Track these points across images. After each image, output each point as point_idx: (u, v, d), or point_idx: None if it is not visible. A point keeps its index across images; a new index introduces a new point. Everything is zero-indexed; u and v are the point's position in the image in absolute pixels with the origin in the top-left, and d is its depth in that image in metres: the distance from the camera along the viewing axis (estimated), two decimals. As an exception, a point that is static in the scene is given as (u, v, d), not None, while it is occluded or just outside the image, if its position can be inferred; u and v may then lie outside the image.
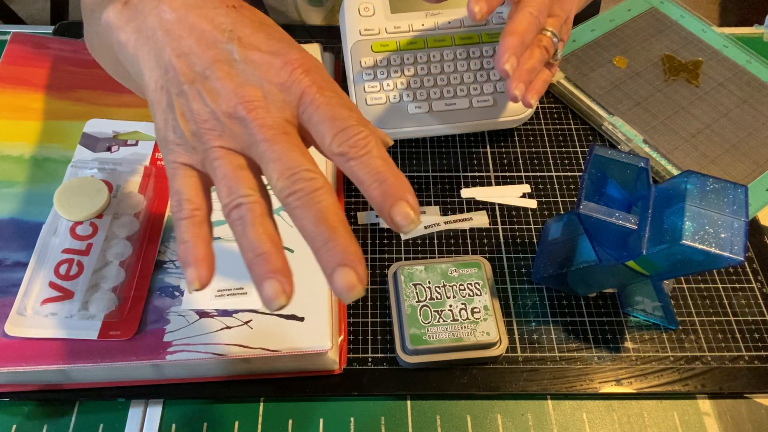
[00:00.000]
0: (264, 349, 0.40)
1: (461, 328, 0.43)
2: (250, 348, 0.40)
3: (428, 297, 0.44)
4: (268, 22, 0.31)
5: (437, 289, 0.44)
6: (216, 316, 0.42)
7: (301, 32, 0.65)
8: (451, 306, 0.44)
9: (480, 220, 0.51)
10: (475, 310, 0.43)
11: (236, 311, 0.42)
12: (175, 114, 0.29)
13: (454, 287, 0.44)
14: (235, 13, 0.30)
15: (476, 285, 0.45)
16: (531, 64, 0.43)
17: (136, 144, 0.50)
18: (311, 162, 0.27)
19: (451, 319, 0.43)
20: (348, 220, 0.51)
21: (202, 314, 0.42)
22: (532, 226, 0.51)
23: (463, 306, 0.44)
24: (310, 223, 0.26)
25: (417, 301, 0.44)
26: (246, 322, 0.42)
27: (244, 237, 0.27)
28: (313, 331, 0.41)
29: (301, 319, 0.42)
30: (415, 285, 0.45)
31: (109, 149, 0.50)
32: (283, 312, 0.42)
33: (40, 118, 0.52)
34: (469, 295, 0.44)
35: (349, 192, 0.52)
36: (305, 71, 0.28)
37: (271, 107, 0.28)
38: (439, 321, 0.43)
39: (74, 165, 0.48)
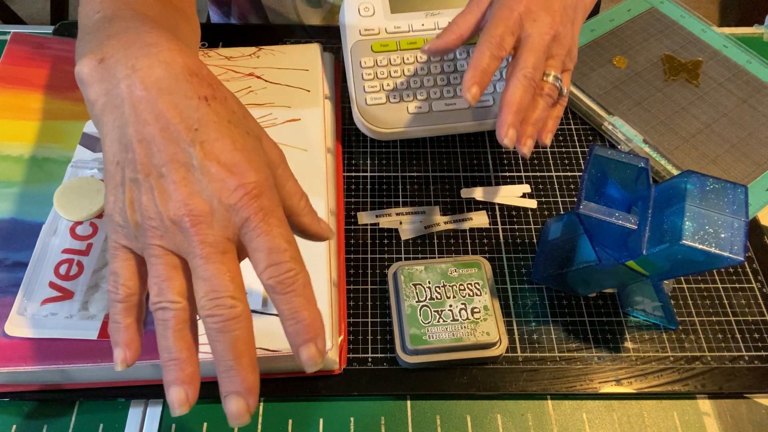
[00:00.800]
0: (264, 349, 0.40)
1: (461, 328, 0.43)
2: None
3: (428, 297, 0.44)
4: (236, 119, 0.31)
5: (437, 289, 0.44)
6: (216, 316, 0.42)
7: (300, 32, 0.65)
8: (451, 306, 0.44)
9: (480, 220, 0.51)
10: (475, 310, 0.43)
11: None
12: (125, 198, 0.29)
13: (454, 287, 0.44)
14: (205, 108, 0.30)
15: (476, 285, 0.45)
16: (536, 116, 0.43)
17: (136, 144, 0.51)
18: (238, 287, 0.29)
19: (451, 319, 0.43)
20: (348, 220, 0.51)
21: (202, 314, 0.42)
22: (532, 226, 0.51)
23: (463, 306, 0.44)
24: (220, 347, 0.29)
25: (417, 301, 0.44)
26: (246, 322, 0.42)
27: (164, 338, 0.29)
28: None
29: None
30: (415, 285, 0.45)
31: (109, 149, 0.50)
32: None
33: (40, 118, 0.52)
34: (469, 295, 0.44)
35: (349, 192, 0.52)
36: (255, 197, 0.29)
37: (215, 224, 0.29)
38: (439, 321, 0.43)
39: (74, 165, 0.48)
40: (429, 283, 0.45)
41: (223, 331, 0.29)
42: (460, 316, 0.43)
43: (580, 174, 0.54)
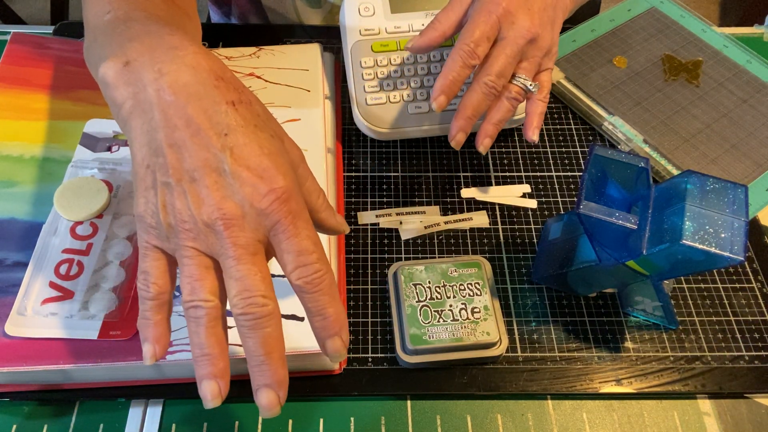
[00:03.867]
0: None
1: (461, 328, 0.43)
2: None
3: (428, 297, 0.44)
4: (262, 123, 0.32)
5: (437, 289, 0.44)
6: (216, 316, 0.42)
7: (300, 32, 0.65)
8: (451, 306, 0.44)
9: (480, 220, 0.51)
10: (475, 310, 0.43)
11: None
12: (157, 201, 0.30)
13: (454, 287, 0.44)
14: (233, 113, 0.31)
15: (476, 285, 0.45)
16: (498, 117, 0.45)
17: (136, 144, 0.51)
18: (268, 287, 0.31)
19: (451, 319, 0.43)
20: (348, 220, 0.51)
21: (202, 314, 0.42)
22: (532, 226, 0.51)
23: (463, 306, 0.44)
24: (252, 343, 0.31)
25: (417, 301, 0.44)
26: (246, 322, 0.42)
27: (197, 335, 0.31)
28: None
29: (301, 319, 0.42)
30: (415, 285, 0.44)
31: (109, 149, 0.50)
32: (283, 312, 0.42)
33: (41, 118, 0.52)
34: (469, 295, 0.44)
35: (349, 192, 0.52)
36: (284, 201, 0.30)
37: (246, 227, 0.30)
38: (439, 321, 0.43)
39: (74, 165, 0.48)
40: (429, 282, 0.45)
41: (255, 328, 0.30)
42: (460, 316, 0.43)
43: (580, 174, 0.54)
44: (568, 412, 0.43)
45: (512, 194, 0.53)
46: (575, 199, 0.52)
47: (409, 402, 0.43)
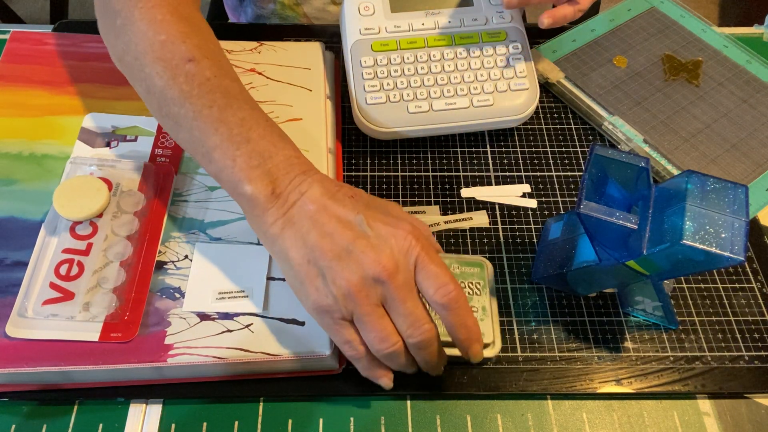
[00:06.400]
0: (265, 353, 0.40)
1: None
2: (251, 352, 0.40)
3: None
4: (374, 203, 0.40)
5: None
6: (217, 318, 0.42)
7: (301, 31, 0.65)
8: None
9: (480, 219, 0.51)
10: (473, 310, 0.43)
11: (237, 314, 0.42)
12: (327, 281, 0.36)
13: None
14: (355, 201, 0.39)
15: (477, 285, 0.45)
16: None
17: (135, 140, 0.50)
18: (426, 314, 0.37)
19: None
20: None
21: (203, 317, 0.42)
22: (532, 226, 0.51)
23: None
24: (424, 356, 0.39)
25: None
26: (247, 326, 0.42)
27: (395, 364, 0.39)
28: (313, 336, 0.41)
29: (302, 324, 0.42)
30: None
31: (108, 145, 0.50)
32: (284, 316, 0.42)
33: (39, 114, 0.51)
34: (468, 294, 0.44)
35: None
36: (416, 238, 0.37)
37: (401, 269, 0.37)
38: (435, 317, 0.42)
39: (73, 161, 0.48)
40: None
41: (422, 348, 0.38)
42: None
43: (580, 174, 0.54)
44: (567, 412, 0.43)
45: (512, 194, 0.53)
46: (575, 199, 0.52)
47: (408, 402, 0.43)
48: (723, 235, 0.35)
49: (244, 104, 0.41)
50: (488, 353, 0.42)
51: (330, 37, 0.64)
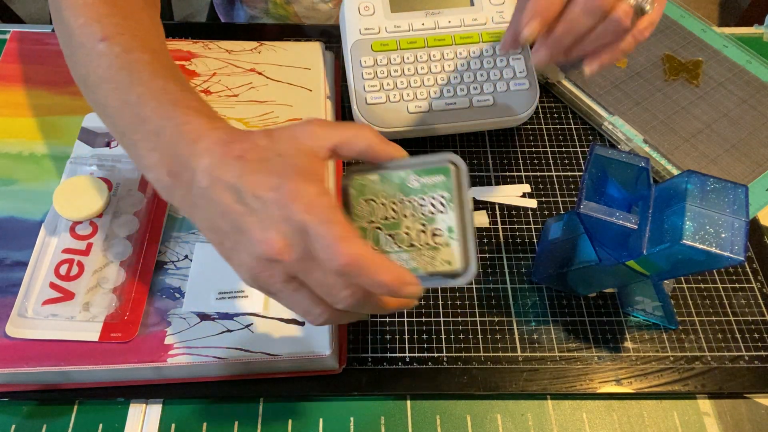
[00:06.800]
0: (264, 353, 0.40)
1: (418, 256, 0.33)
2: (251, 352, 0.40)
3: (382, 216, 0.35)
4: (267, 153, 0.33)
5: (393, 205, 0.34)
6: (217, 318, 0.42)
7: (300, 31, 0.65)
8: (408, 228, 0.34)
9: (480, 219, 0.51)
10: (437, 232, 0.33)
11: (237, 314, 0.42)
12: (235, 264, 0.33)
13: (414, 202, 0.34)
14: (244, 163, 0.32)
15: (441, 198, 0.34)
16: (592, 36, 0.38)
17: (135, 143, 0.50)
18: (342, 279, 0.31)
19: (408, 244, 0.34)
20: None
21: (203, 317, 0.42)
22: (532, 226, 0.51)
23: (422, 228, 0.34)
24: (362, 312, 0.33)
25: (369, 222, 0.35)
26: (247, 326, 0.42)
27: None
28: (313, 336, 0.41)
29: (302, 324, 0.42)
30: (367, 201, 0.35)
31: (108, 144, 0.50)
32: (284, 316, 0.42)
33: (39, 114, 0.51)
34: (430, 212, 0.34)
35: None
36: (299, 199, 0.31)
37: (292, 243, 0.31)
38: (393, 248, 0.34)
39: (73, 161, 0.48)
40: (384, 197, 0.35)
41: (354, 309, 0.32)
42: (418, 241, 0.34)
43: (580, 174, 0.54)
44: (567, 412, 0.43)
45: (512, 194, 0.53)
46: (575, 199, 0.52)
47: (408, 402, 0.43)
48: (723, 235, 0.35)
49: (145, 76, 0.37)
50: (459, 282, 0.33)
51: (330, 37, 0.64)
